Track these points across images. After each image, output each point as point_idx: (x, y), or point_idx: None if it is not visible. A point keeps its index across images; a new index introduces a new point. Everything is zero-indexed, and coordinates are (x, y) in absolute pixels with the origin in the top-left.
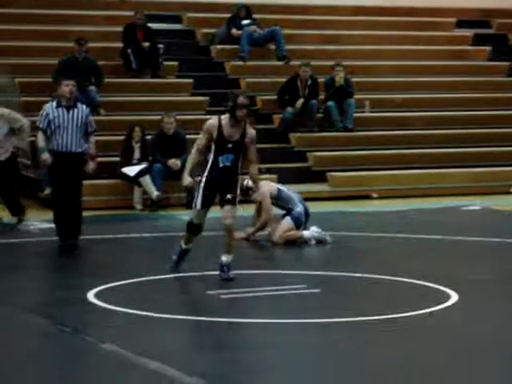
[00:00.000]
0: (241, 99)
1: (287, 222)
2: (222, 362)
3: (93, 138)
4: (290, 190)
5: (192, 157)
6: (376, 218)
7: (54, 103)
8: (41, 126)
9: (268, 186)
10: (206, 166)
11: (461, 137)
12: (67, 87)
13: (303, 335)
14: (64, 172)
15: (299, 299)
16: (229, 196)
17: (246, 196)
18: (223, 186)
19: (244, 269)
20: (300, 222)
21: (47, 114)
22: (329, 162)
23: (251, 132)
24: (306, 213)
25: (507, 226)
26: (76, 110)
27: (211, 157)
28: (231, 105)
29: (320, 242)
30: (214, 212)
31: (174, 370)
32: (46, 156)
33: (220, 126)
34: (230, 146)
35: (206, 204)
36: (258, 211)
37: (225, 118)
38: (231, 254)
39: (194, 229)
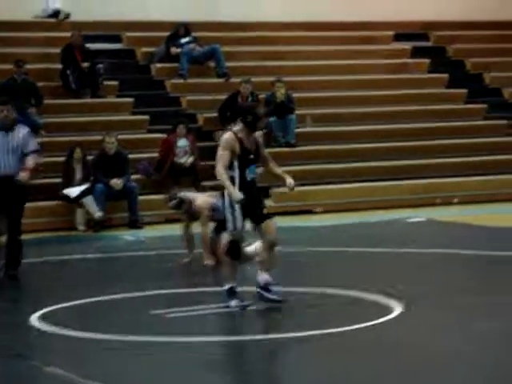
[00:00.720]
0: (262, 110)
1: (226, 238)
2: (166, 382)
3: (32, 156)
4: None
5: (225, 176)
6: (320, 232)
7: None
8: None
9: (206, 199)
10: (234, 184)
11: (402, 149)
12: (1, 113)
13: (242, 352)
14: (2, 197)
15: (242, 316)
16: (266, 210)
17: (179, 209)
18: (254, 201)
19: (188, 287)
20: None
21: None
22: (272, 178)
23: (257, 135)
24: None
25: (450, 236)
26: (14, 132)
27: (237, 173)
28: (251, 117)
29: None
30: (155, 231)
31: None
32: None
33: (239, 139)
34: (251, 157)
35: (243, 224)
36: (187, 227)
37: (238, 131)
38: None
39: (237, 250)
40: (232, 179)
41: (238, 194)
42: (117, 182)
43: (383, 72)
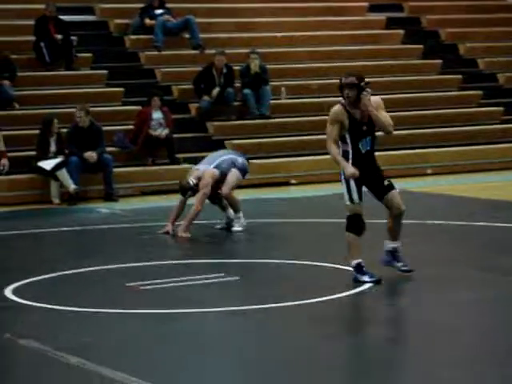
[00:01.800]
0: (344, 79)
1: (235, 174)
2: (142, 355)
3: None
4: (223, 154)
5: (334, 151)
6: (296, 204)
7: None
8: None
9: (210, 176)
10: (347, 158)
11: None
12: None
13: (220, 324)
14: None
15: (218, 288)
16: (386, 182)
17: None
18: (372, 174)
19: (163, 260)
20: (247, 169)
21: None
22: (247, 150)
23: (375, 99)
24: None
25: (425, 207)
26: None
27: (349, 147)
28: (340, 86)
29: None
30: (131, 204)
31: (94, 364)
32: None
33: (347, 111)
34: (364, 128)
35: (360, 196)
36: (183, 202)
37: (345, 102)
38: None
39: (359, 224)
40: (346, 153)
41: (350, 169)
42: (91, 155)
43: (358, 43)
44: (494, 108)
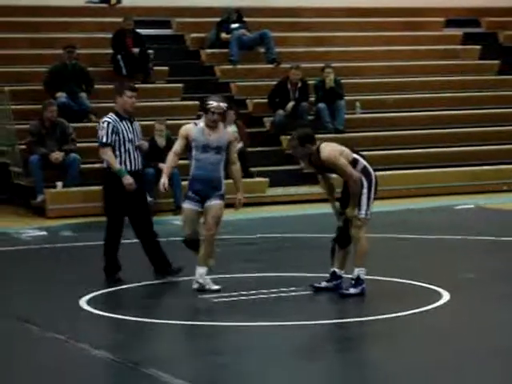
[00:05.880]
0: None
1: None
2: (214, 367)
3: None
4: None
5: None
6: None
7: (114, 115)
8: (108, 141)
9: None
10: None
11: (452, 136)
12: (131, 99)
13: (291, 337)
14: (132, 195)
15: (290, 302)
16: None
17: None
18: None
19: (236, 272)
20: None
21: (113, 128)
22: None
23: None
24: None
25: (499, 224)
26: (135, 123)
27: None
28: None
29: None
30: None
31: (167, 375)
32: (129, 180)
33: None
34: None
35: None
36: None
37: None
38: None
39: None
40: None
41: None
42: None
43: (434, 58)
44: None
